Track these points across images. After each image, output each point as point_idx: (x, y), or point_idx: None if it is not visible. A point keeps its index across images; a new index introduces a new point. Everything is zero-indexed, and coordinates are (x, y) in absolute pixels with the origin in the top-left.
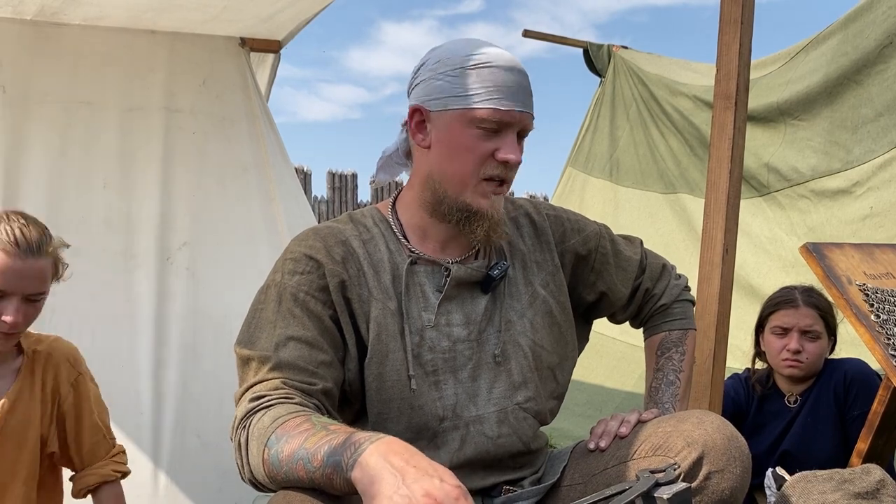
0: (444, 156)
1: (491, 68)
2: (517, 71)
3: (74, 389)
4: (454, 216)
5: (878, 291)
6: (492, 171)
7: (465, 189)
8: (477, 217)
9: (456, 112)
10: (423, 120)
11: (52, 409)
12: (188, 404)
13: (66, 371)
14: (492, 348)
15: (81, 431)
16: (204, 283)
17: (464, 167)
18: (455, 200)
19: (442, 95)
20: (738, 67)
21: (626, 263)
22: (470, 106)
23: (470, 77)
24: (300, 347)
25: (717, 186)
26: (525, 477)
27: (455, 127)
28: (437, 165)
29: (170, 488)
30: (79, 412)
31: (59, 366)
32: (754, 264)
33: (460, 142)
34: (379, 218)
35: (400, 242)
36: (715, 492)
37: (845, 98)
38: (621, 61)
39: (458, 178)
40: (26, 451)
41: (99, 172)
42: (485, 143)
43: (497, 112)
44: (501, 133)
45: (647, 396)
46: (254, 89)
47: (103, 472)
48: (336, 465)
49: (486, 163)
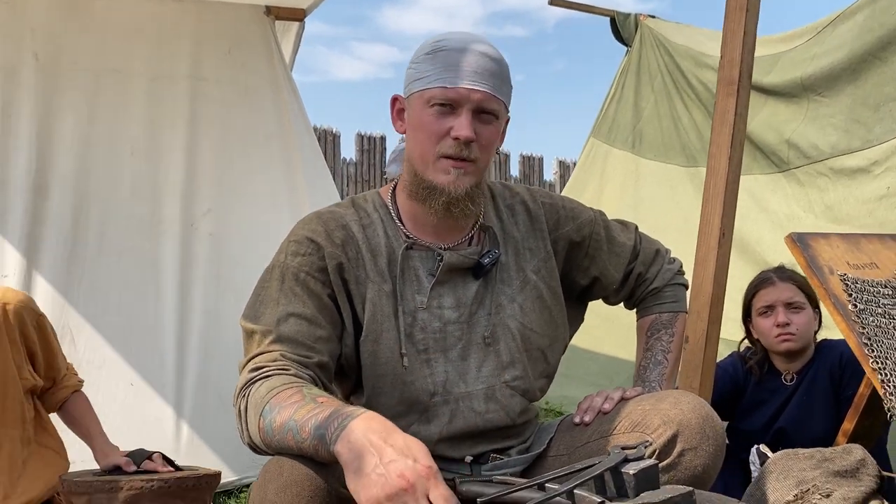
0: (411, 138)
1: (445, 52)
2: (472, 51)
3: (38, 329)
4: (421, 193)
5: (857, 281)
6: (447, 150)
7: (427, 167)
8: (436, 192)
9: (415, 95)
10: (402, 108)
11: (23, 351)
12: (210, 365)
13: (29, 316)
14: (482, 330)
15: (50, 359)
16: (227, 248)
17: (423, 146)
18: (422, 179)
19: (409, 81)
20: (742, 54)
21: (619, 249)
22: (424, 87)
23: (427, 62)
24: (300, 323)
25: (717, 172)
26: (513, 446)
27: (416, 109)
28: (409, 148)
29: (192, 443)
30: (45, 343)
31: (21, 314)
32: (771, 241)
33: (420, 122)
34: (379, 203)
35: (397, 228)
36: (688, 468)
37: (869, 75)
38: (648, 31)
39: (420, 157)
40: (9, 398)
41: (126, 140)
42: (439, 121)
43: (444, 90)
44: (456, 111)
45: (636, 375)
46: (278, 58)
47: (71, 384)
48: (321, 438)
49: (442, 141)
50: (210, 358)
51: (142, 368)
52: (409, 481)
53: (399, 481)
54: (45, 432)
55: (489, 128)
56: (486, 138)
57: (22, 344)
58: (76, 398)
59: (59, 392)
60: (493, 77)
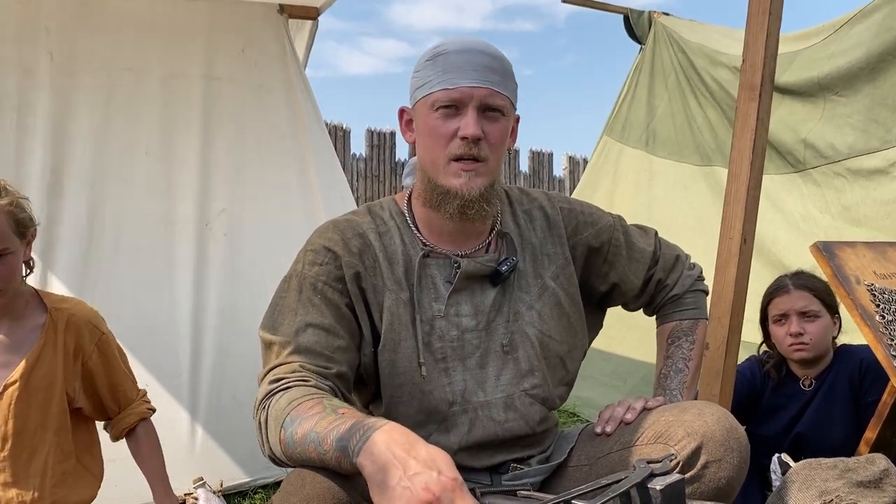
0: (421, 146)
1: (445, 55)
2: (472, 51)
3: (99, 348)
4: (435, 199)
5: (885, 292)
6: (457, 151)
7: (438, 172)
8: (449, 196)
9: (419, 102)
10: (410, 119)
11: (75, 366)
12: (225, 366)
13: (89, 332)
14: (500, 338)
15: (115, 381)
16: (241, 248)
17: (433, 151)
18: (434, 184)
19: (412, 90)
20: (765, 59)
21: (638, 255)
22: (427, 92)
23: (427, 68)
24: (318, 333)
25: (738, 177)
26: (533, 455)
27: (421, 116)
28: (420, 156)
29: (206, 444)
30: (108, 367)
31: (80, 327)
32: (786, 242)
33: (427, 127)
34: (396, 211)
35: (414, 235)
36: (712, 480)
37: (888, 75)
38: (662, 28)
39: (431, 163)
40: (54, 404)
41: (141, 138)
42: (446, 123)
43: (447, 92)
44: (461, 112)
45: (657, 383)
46: (291, 56)
47: (139, 411)
48: (343, 450)
49: (451, 143)
50: (225, 358)
51: (156, 369)
52: (434, 494)
53: (424, 494)
54: (90, 455)
55: (496, 125)
56: (494, 136)
57: (75, 358)
58: (143, 430)
59: (125, 418)
60: (494, 73)
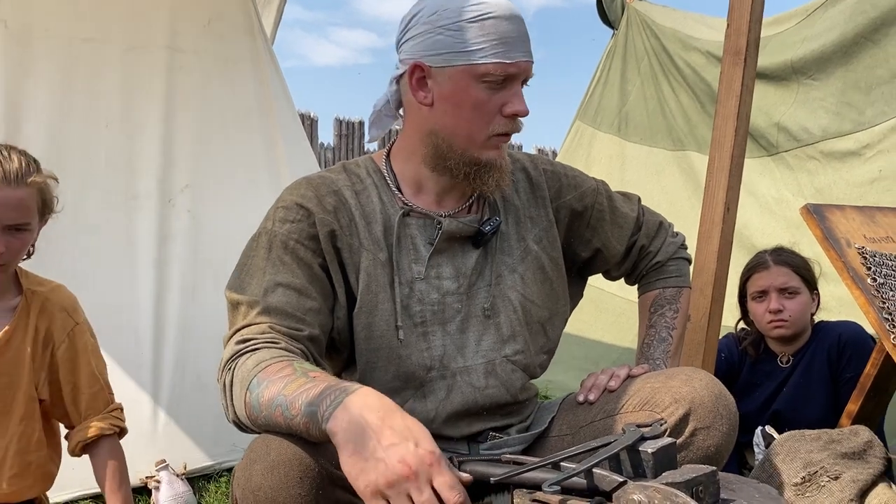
0: (449, 113)
1: (493, 20)
2: (517, 19)
3: (70, 339)
4: (461, 170)
5: (876, 255)
6: (501, 128)
7: (473, 145)
8: (487, 169)
9: (459, 68)
10: (423, 77)
11: (43, 354)
12: (188, 345)
13: (62, 319)
14: (481, 302)
15: (78, 381)
16: (205, 226)
17: (472, 124)
18: (463, 156)
19: (443, 51)
20: (750, 23)
21: (622, 220)
22: (475, 62)
23: (471, 30)
24: (288, 293)
25: (722, 144)
26: (512, 425)
27: (460, 83)
28: (441, 122)
29: (169, 427)
30: (74, 362)
31: (54, 313)
32: (759, 225)
33: (467, 99)
34: (373, 168)
35: (393, 194)
36: (700, 448)
37: (861, 58)
38: (635, 13)
39: (467, 135)
40: (20, 391)
41: (101, 111)
42: (492, 97)
43: (503, 66)
44: (506, 85)
45: (639, 352)
46: (259, 31)
47: (101, 426)
48: (312, 416)
49: (495, 118)
50: (188, 338)
51: (117, 348)
52: (410, 468)
53: (400, 467)
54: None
55: None
56: None
57: (45, 346)
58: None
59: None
60: (530, 43)
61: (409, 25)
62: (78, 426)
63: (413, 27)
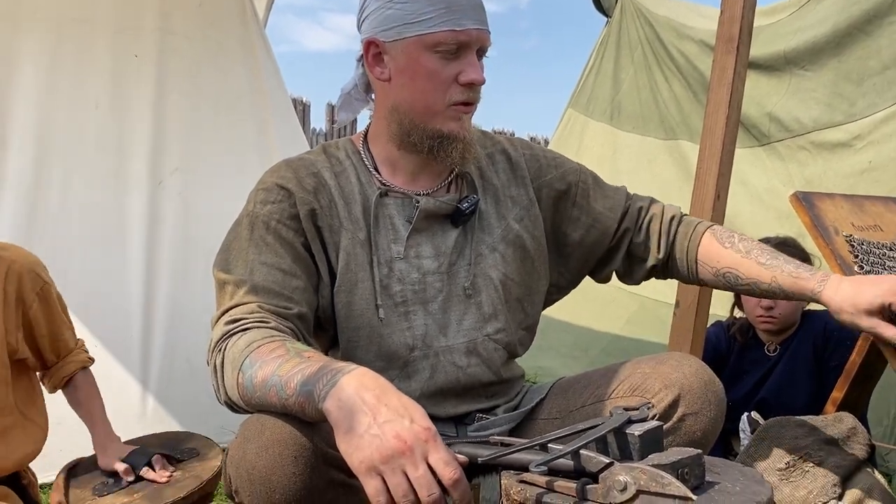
0: (406, 86)
1: None
2: None
3: (40, 298)
4: (426, 144)
5: (863, 243)
6: (458, 97)
7: (433, 117)
8: (449, 141)
9: (412, 39)
10: (379, 52)
11: (17, 316)
12: (178, 328)
13: (31, 280)
14: (462, 281)
15: (54, 331)
16: (195, 209)
17: (429, 95)
18: (425, 129)
19: (395, 24)
20: (743, 10)
21: (611, 192)
22: (425, 31)
23: (420, 1)
24: (274, 273)
25: (713, 132)
26: (499, 405)
27: (413, 55)
28: (400, 97)
29: (158, 410)
30: (50, 316)
31: (22, 275)
32: (749, 214)
33: (421, 70)
34: (351, 150)
35: (371, 174)
36: (688, 433)
37: (853, 49)
38: (629, 2)
39: (424, 107)
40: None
41: (91, 92)
42: (446, 67)
43: (454, 33)
44: (461, 55)
45: (792, 280)
46: (251, 14)
47: (79, 360)
48: (308, 395)
49: (451, 88)
50: (178, 321)
51: (106, 331)
52: (406, 443)
53: (395, 442)
54: (34, 407)
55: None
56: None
57: (17, 307)
58: (82, 378)
59: (64, 367)
60: (484, 12)
61: (366, 4)
62: (55, 366)
63: (369, 5)
